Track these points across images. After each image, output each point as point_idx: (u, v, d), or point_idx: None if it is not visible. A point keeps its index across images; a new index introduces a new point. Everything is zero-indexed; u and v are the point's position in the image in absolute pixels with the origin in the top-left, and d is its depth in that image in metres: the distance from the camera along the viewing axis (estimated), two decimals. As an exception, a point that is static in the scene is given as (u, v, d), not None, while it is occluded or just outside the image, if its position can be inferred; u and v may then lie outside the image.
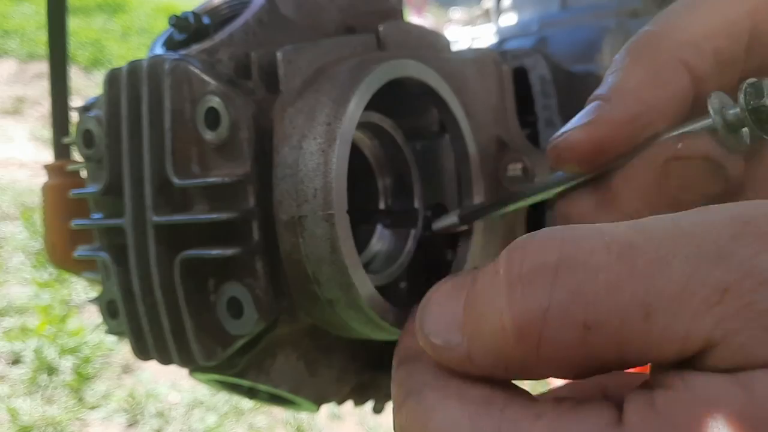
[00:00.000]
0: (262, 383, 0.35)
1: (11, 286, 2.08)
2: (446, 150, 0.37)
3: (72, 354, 1.71)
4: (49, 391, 1.58)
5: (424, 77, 0.33)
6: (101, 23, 4.99)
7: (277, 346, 0.35)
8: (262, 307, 0.30)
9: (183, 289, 0.31)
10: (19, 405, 1.50)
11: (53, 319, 1.85)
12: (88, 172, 0.37)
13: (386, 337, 0.33)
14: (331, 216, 0.28)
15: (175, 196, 0.32)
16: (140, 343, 0.34)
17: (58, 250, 0.47)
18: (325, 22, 0.37)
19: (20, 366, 1.66)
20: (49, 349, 1.69)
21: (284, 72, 0.31)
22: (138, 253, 0.32)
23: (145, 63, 0.32)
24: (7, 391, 1.56)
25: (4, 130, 3.41)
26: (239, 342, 0.31)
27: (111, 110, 0.33)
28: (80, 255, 0.37)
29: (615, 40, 0.48)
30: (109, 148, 0.33)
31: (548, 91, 0.45)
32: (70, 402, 1.55)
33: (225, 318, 0.31)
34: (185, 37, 0.34)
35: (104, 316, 0.36)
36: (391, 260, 0.37)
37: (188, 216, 0.31)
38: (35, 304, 1.95)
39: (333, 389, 0.38)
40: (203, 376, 0.37)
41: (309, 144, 0.29)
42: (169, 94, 0.31)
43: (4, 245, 2.32)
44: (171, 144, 0.31)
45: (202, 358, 0.32)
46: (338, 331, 0.33)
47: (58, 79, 0.52)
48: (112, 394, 1.59)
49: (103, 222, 0.35)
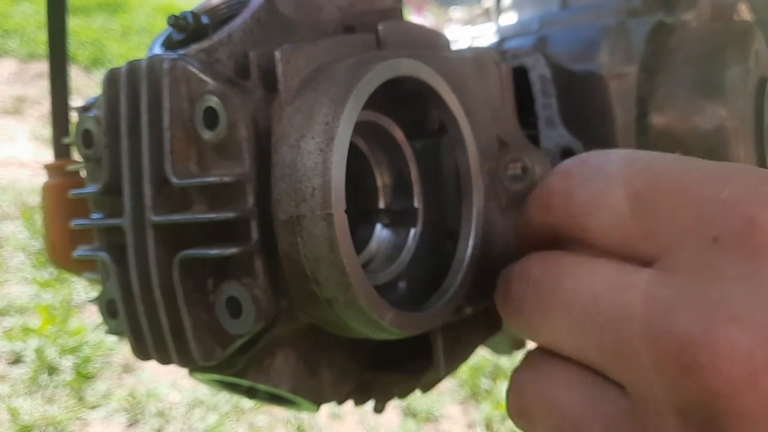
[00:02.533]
0: (262, 383, 0.35)
1: (12, 285, 2.08)
2: (446, 149, 0.37)
3: (73, 353, 1.71)
4: (50, 391, 1.58)
5: (423, 76, 0.33)
6: (101, 23, 5.00)
7: (277, 346, 0.34)
8: (261, 307, 0.30)
9: (182, 289, 0.31)
10: (19, 404, 1.50)
11: (54, 318, 1.85)
12: (88, 172, 0.37)
13: (386, 336, 0.33)
14: (330, 215, 0.28)
15: (174, 196, 0.32)
16: (140, 343, 0.34)
17: (58, 249, 0.47)
18: (325, 21, 0.37)
19: (21, 366, 1.66)
20: (49, 348, 1.69)
21: (282, 71, 0.31)
22: (137, 253, 0.32)
23: (143, 63, 0.32)
24: (7, 390, 1.56)
25: (4, 130, 3.41)
26: (238, 341, 0.31)
27: (110, 110, 0.33)
28: (80, 255, 0.37)
29: (615, 39, 0.48)
30: (108, 148, 0.33)
31: (548, 90, 0.45)
32: (71, 401, 1.55)
33: (224, 317, 0.31)
34: (184, 37, 0.34)
35: (104, 316, 0.36)
36: (391, 259, 0.37)
37: (187, 215, 0.31)
38: (36, 303, 1.95)
39: (333, 389, 0.38)
40: (203, 375, 0.37)
41: (307, 143, 0.29)
42: (168, 93, 0.31)
43: (5, 245, 2.32)
44: (170, 144, 0.31)
45: (201, 358, 0.32)
46: (337, 331, 0.33)
47: (58, 79, 0.52)
48: (113, 393, 1.59)
49: (103, 222, 0.35)
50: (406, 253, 0.37)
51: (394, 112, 0.36)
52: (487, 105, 0.39)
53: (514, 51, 0.46)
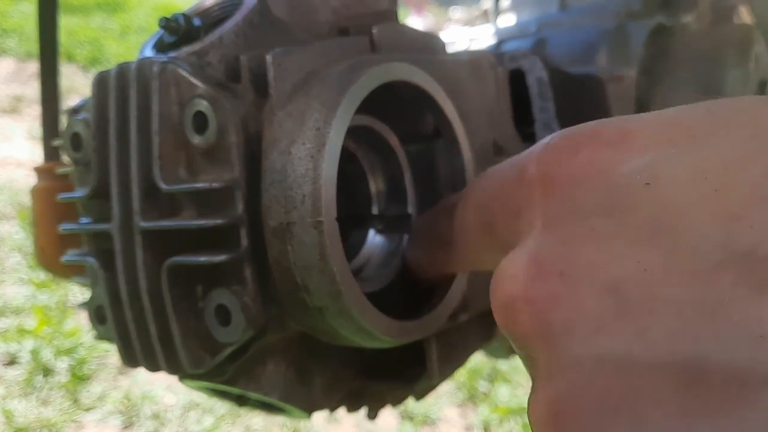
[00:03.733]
0: (252, 391, 0.34)
1: (8, 286, 2.07)
2: (441, 154, 0.36)
3: (68, 355, 1.70)
4: (45, 393, 1.57)
5: (417, 80, 0.33)
6: (100, 22, 4.99)
7: (267, 354, 0.34)
8: (250, 315, 0.30)
9: (170, 296, 0.30)
10: (14, 406, 1.50)
11: (50, 320, 1.84)
12: (77, 175, 0.36)
13: (377, 345, 0.32)
14: (320, 223, 0.28)
15: (162, 202, 0.31)
16: (128, 350, 0.33)
17: (47, 253, 0.46)
18: (319, 24, 0.36)
19: (16, 367, 1.65)
20: (45, 350, 1.68)
21: (274, 75, 0.30)
22: (125, 259, 0.32)
23: (133, 65, 0.32)
24: (2, 392, 1.55)
25: (1, 129, 3.41)
26: (227, 350, 0.31)
27: (99, 113, 0.33)
28: (68, 260, 0.36)
29: (614, 41, 0.47)
30: (96, 152, 0.33)
31: (546, 94, 0.45)
32: (66, 403, 1.54)
33: (213, 325, 0.31)
34: (175, 40, 0.33)
35: (92, 322, 0.36)
36: (384, 265, 0.36)
37: (175, 222, 0.30)
38: (32, 304, 1.94)
39: (324, 397, 0.37)
40: (193, 383, 0.36)
41: (298, 149, 0.29)
42: (157, 97, 0.30)
43: (1, 245, 2.31)
44: (158, 148, 0.30)
45: (189, 366, 0.31)
46: (328, 339, 0.33)
47: (48, 81, 0.51)
48: (108, 395, 1.58)
49: (91, 227, 0.34)
50: (400, 259, 0.36)
51: (387, 116, 0.35)
52: (482, 109, 0.39)
53: (512, 54, 0.45)
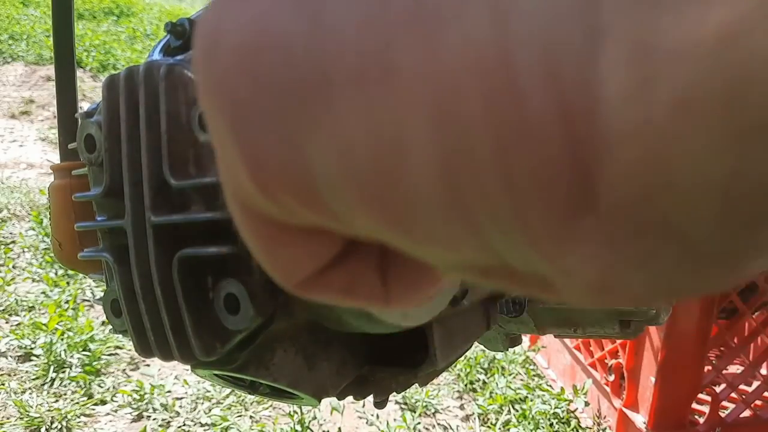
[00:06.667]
0: (262, 378, 0.36)
1: (21, 283, 2.10)
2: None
3: (81, 350, 1.73)
4: (58, 386, 1.60)
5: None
6: (109, 28, 5.02)
7: (276, 341, 0.35)
8: (258, 303, 0.31)
9: (182, 287, 0.32)
10: (28, 400, 1.53)
11: (63, 315, 1.87)
12: (91, 175, 0.38)
13: (381, 330, 0.34)
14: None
15: (172, 197, 0.33)
16: (142, 341, 0.35)
17: (64, 249, 0.48)
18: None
19: (30, 362, 1.69)
20: (58, 344, 1.71)
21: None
22: (138, 253, 0.33)
23: (141, 68, 0.33)
24: (17, 386, 1.58)
25: (13, 132, 3.44)
26: (237, 337, 0.32)
27: (110, 115, 0.34)
28: (84, 256, 0.38)
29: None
30: (108, 152, 0.34)
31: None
32: (79, 396, 1.57)
33: (223, 314, 0.32)
34: (181, 43, 0.35)
35: (108, 315, 0.38)
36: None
37: (186, 216, 0.32)
38: (45, 300, 1.97)
39: (332, 383, 0.39)
40: (204, 371, 0.38)
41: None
42: (165, 98, 0.32)
43: (15, 243, 2.35)
44: (167, 146, 0.32)
45: (201, 354, 0.33)
46: (334, 326, 0.34)
47: (64, 85, 0.53)
48: (120, 388, 1.61)
49: (105, 223, 0.36)
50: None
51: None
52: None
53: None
